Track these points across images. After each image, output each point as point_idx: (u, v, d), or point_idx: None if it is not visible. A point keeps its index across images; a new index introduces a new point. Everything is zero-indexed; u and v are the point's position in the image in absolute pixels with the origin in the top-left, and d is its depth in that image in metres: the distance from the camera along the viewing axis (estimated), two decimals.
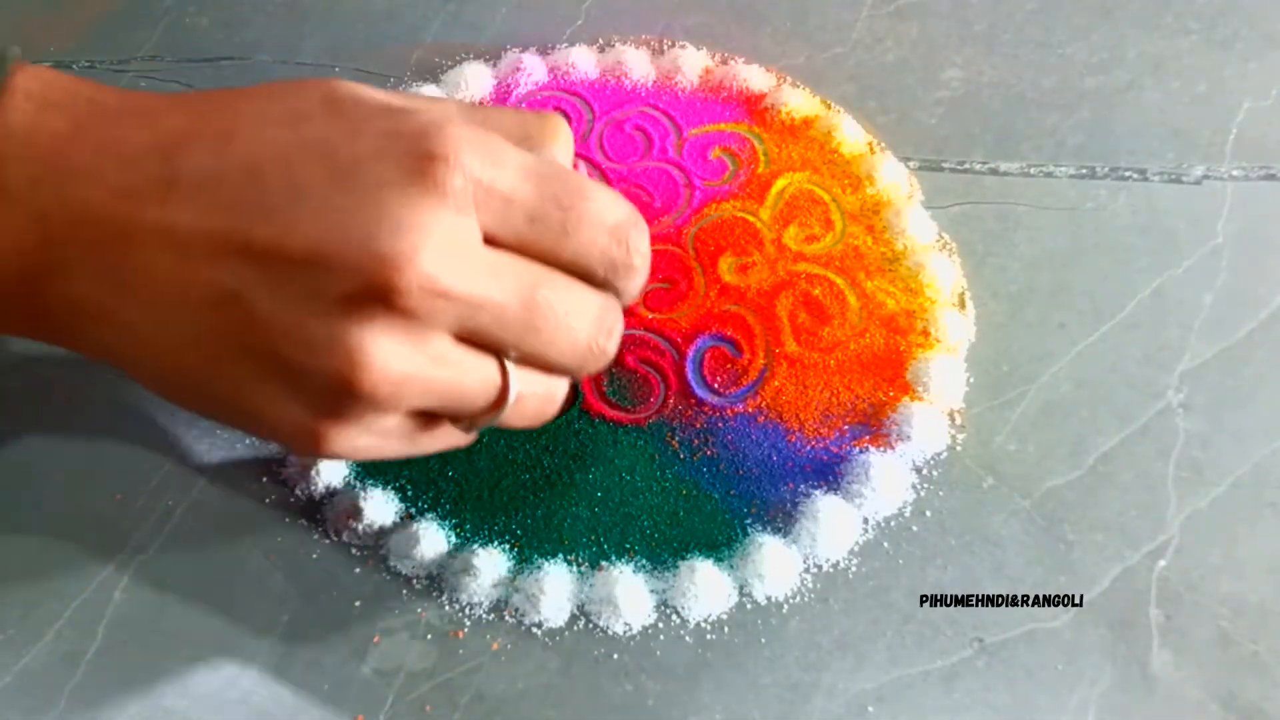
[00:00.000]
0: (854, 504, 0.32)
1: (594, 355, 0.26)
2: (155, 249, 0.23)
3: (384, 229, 0.22)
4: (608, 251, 0.25)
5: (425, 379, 0.24)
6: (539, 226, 0.24)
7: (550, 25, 0.44)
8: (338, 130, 0.24)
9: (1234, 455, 0.32)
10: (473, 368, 0.24)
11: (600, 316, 0.26)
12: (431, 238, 0.22)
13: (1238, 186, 0.38)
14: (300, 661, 0.30)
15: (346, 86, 0.25)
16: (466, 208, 0.23)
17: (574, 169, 0.27)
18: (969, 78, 0.41)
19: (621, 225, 0.25)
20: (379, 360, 0.23)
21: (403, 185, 0.23)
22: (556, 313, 0.25)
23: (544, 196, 0.24)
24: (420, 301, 0.22)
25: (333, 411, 0.23)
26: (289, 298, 0.23)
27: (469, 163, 0.23)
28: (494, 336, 0.24)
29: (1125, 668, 0.29)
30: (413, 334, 0.23)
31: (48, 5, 0.46)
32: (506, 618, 0.31)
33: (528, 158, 0.25)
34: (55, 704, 0.29)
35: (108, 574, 0.31)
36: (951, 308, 0.35)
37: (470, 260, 0.23)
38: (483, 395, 0.25)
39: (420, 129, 0.23)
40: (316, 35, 0.44)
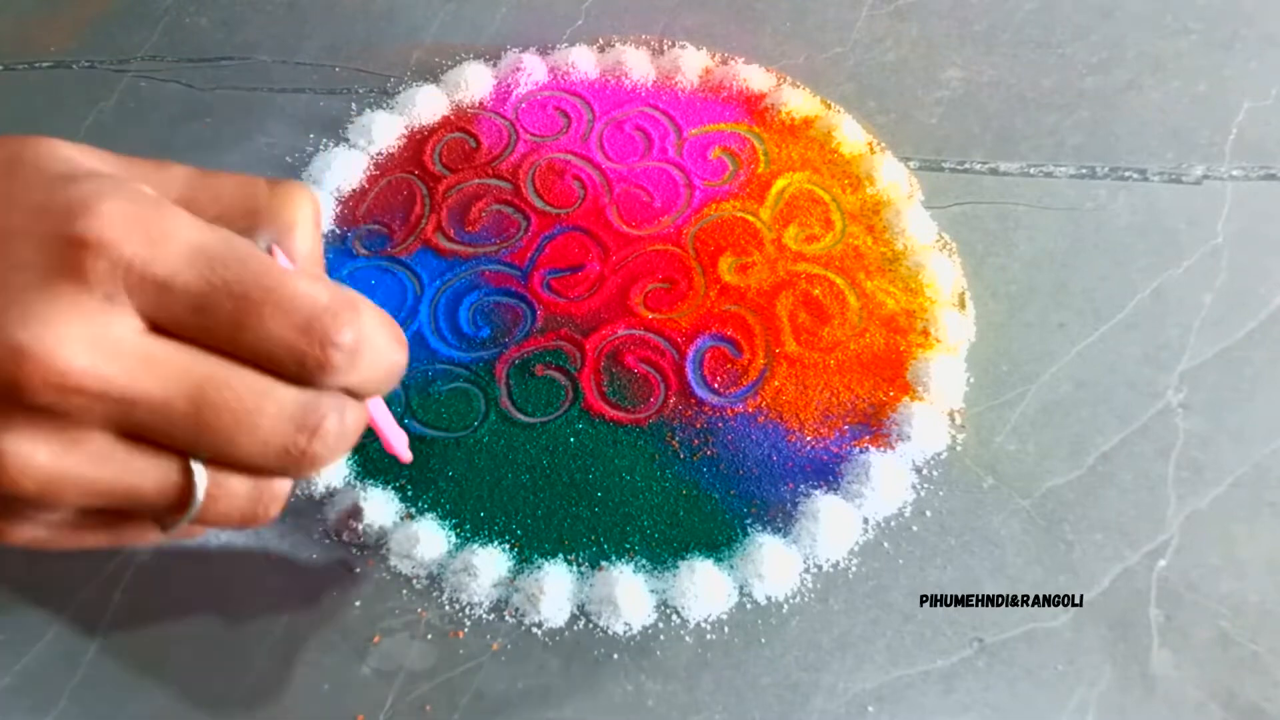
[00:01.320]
0: (854, 504, 0.32)
1: (294, 458, 0.23)
2: None
3: (10, 318, 0.20)
4: (295, 348, 0.22)
5: (80, 478, 0.22)
6: (206, 317, 0.22)
7: (550, 25, 0.44)
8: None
9: (1234, 455, 0.32)
10: (143, 468, 0.22)
11: (297, 415, 0.23)
12: (64, 329, 0.20)
13: (1238, 186, 0.38)
14: (300, 661, 0.30)
15: (40, 147, 0.23)
16: (116, 295, 0.21)
17: (316, 251, 0.24)
18: (969, 78, 0.41)
19: (315, 317, 0.22)
20: (19, 461, 0.21)
21: (43, 270, 0.21)
22: (233, 412, 0.22)
23: (211, 284, 0.22)
24: (54, 399, 0.20)
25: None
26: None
27: (118, 245, 0.21)
28: (164, 436, 0.22)
29: (1125, 668, 0.29)
30: (60, 432, 0.21)
31: (48, 5, 0.46)
32: (506, 618, 0.31)
33: (205, 236, 0.22)
34: (55, 704, 0.29)
35: (108, 574, 0.31)
36: (951, 308, 0.35)
37: (117, 354, 0.21)
38: (160, 496, 0.23)
39: (70, 206, 0.21)
40: (316, 35, 0.44)
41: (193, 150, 0.41)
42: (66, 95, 0.43)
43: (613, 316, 0.36)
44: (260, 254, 0.22)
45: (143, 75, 0.43)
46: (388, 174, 0.40)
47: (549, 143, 0.40)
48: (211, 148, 0.41)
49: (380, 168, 0.40)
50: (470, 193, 0.39)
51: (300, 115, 0.42)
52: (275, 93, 0.42)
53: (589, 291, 0.36)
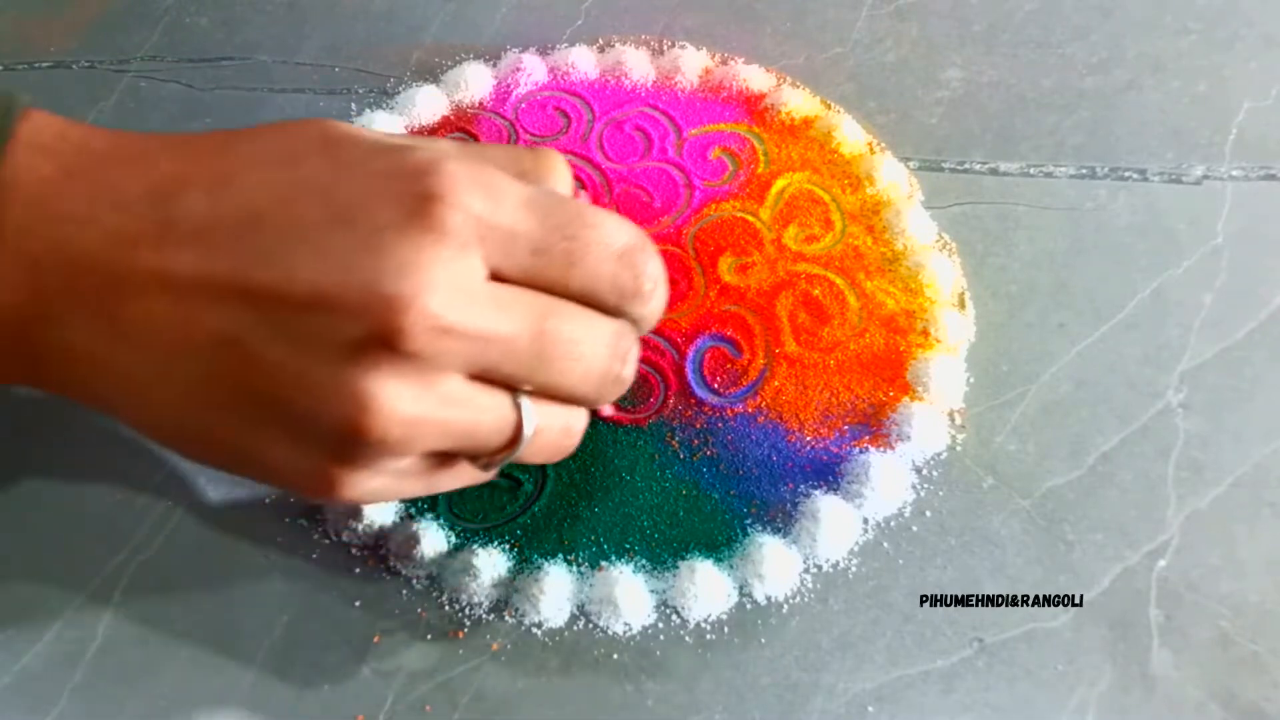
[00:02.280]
0: (854, 504, 0.32)
1: (610, 383, 0.25)
2: (152, 295, 0.23)
3: (386, 271, 0.22)
4: (616, 278, 0.25)
5: (437, 420, 0.23)
6: (544, 258, 0.24)
7: (550, 25, 0.44)
8: (334, 171, 0.23)
9: (1234, 455, 0.32)
10: (486, 406, 0.24)
11: (614, 343, 0.25)
12: (434, 277, 0.22)
13: (1238, 186, 0.38)
14: (300, 661, 0.30)
15: (340, 127, 0.25)
16: (469, 245, 0.23)
17: (575, 197, 0.27)
18: (969, 78, 0.41)
19: (629, 250, 0.25)
20: (388, 405, 0.22)
21: (402, 226, 0.22)
22: (567, 343, 0.24)
23: (547, 227, 0.24)
24: (427, 343, 0.22)
25: (343, 457, 0.23)
26: (292, 343, 0.22)
27: (468, 199, 0.23)
28: (506, 372, 0.24)
29: (1125, 668, 0.29)
30: (422, 376, 0.23)
31: (48, 5, 0.46)
32: (506, 618, 0.31)
33: (527, 190, 0.24)
34: (55, 704, 0.29)
35: (108, 574, 0.31)
36: (951, 308, 0.35)
37: (475, 297, 0.23)
38: (498, 432, 0.25)
39: (417, 167, 0.23)
40: (316, 35, 0.44)
41: None
42: (66, 95, 0.43)
43: None
44: (574, 199, 0.25)
45: (143, 75, 0.43)
46: None
47: (549, 143, 0.40)
48: None
49: None
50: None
51: (300, 115, 0.42)
52: (275, 93, 0.42)
53: None
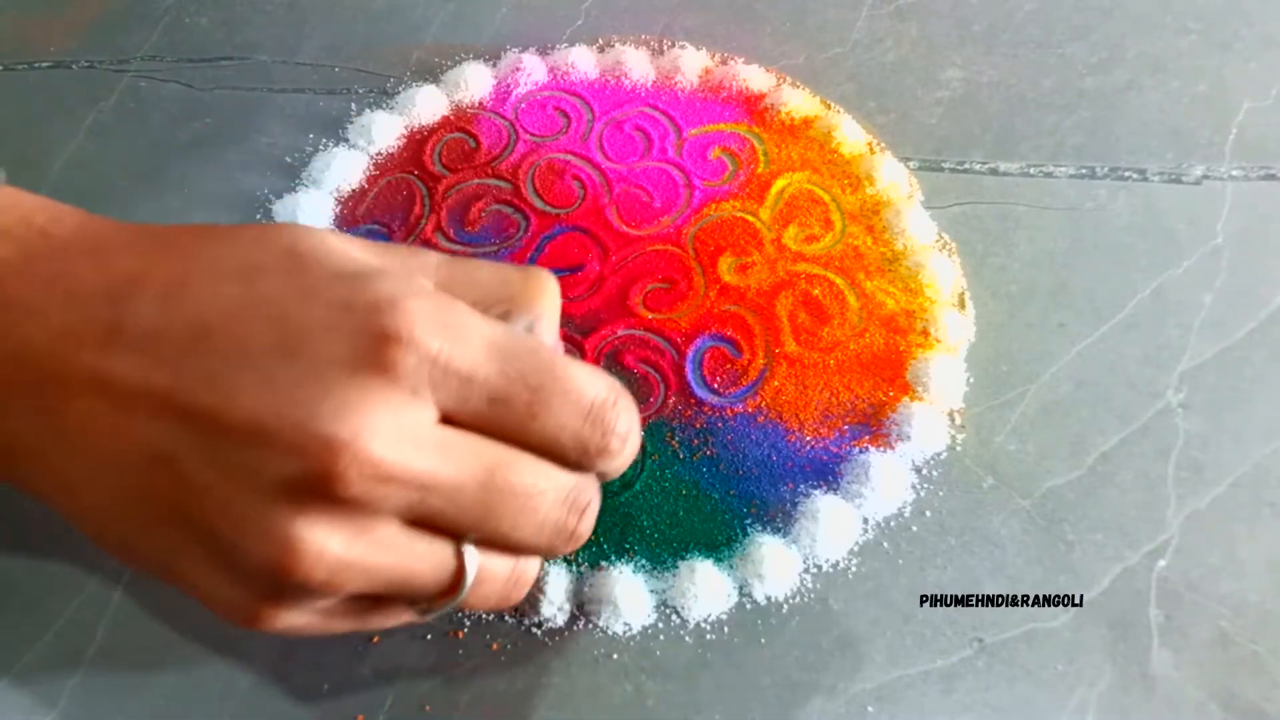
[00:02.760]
0: (854, 504, 0.32)
1: (563, 538, 0.24)
2: (92, 398, 0.22)
3: (325, 410, 0.21)
4: (580, 435, 0.23)
5: (366, 566, 0.22)
6: (502, 407, 0.23)
7: (550, 25, 0.44)
8: (292, 292, 0.22)
9: (1234, 455, 0.32)
10: (423, 553, 0.23)
11: (570, 498, 0.24)
12: (377, 421, 0.21)
13: (1237, 186, 0.38)
14: (300, 661, 0.30)
15: (310, 240, 0.23)
16: (419, 388, 0.22)
17: (557, 337, 0.25)
18: (969, 78, 0.41)
19: (597, 407, 0.24)
20: (314, 549, 0.21)
21: (351, 363, 0.21)
22: (519, 496, 0.23)
23: (510, 376, 0.23)
24: (362, 489, 0.21)
25: (267, 593, 0.22)
26: (225, 470, 0.21)
27: (426, 340, 0.22)
28: (449, 520, 0.23)
29: (1125, 668, 0.29)
30: (354, 521, 0.22)
31: (48, 5, 0.46)
32: (506, 618, 0.30)
33: (495, 331, 0.23)
34: (55, 704, 0.29)
35: (108, 574, 0.31)
36: (951, 308, 0.35)
37: (420, 443, 0.22)
38: (435, 580, 0.24)
39: (376, 302, 0.22)
40: (316, 35, 0.44)
41: (193, 150, 0.41)
42: (66, 95, 0.43)
43: (612, 317, 0.36)
44: (545, 345, 0.24)
45: (142, 75, 0.43)
46: (387, 174, 0.40)
47: (549, 143, 0.40)
48: (211, 147, 0.41)
49: (380, 168, 0.40)
50: (470, 193, 0.39)
51: (300, 115, 0.42)
52: (275, 93, 0.42)
53: (588, 291, 0.36)
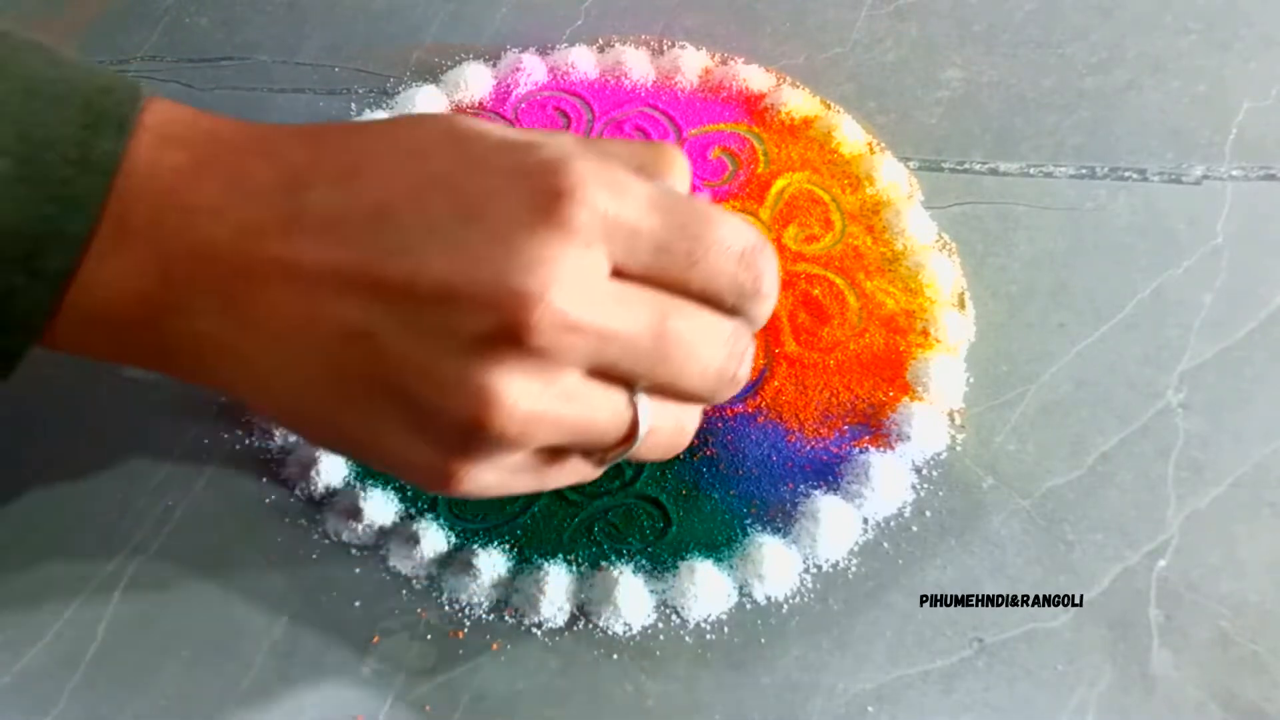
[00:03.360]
0: (854, 504, 0.32)
1: (725, 382, 0.26)
2: (280, 286, 0.23)
3: (514, 267, 0.22)
4: (736, 278, 0.25)
5: (555, 416, 0.23)
6: (666, 257, 0.24)
7: (550, 25, 0.44)
8: (463, 166, 0.23)
9: (1234, 455, 0.32)
10: (603, 403, 0.24)
11: (731, 342, 0.25)
12: (562, 274, 0.22)
13: (1237, 186, 0.38)
14: (300, 661, 0.30)
15: (467, 121, 0.25)
16: (594, 242, 0.23)
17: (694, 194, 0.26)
18: (969, 78, 0.41)
19: (749, 251, 0.25)
20: (509, 400, 0.22)
21: (531, 222, 0.22)
22: (687, 341, 0.24)
23: (670, 226, 0.24)
24: (552, 339, 0.22)
25: (462, 450, 0.23)
26: (419, 335, 0.22)
27: (595, 196, 0.23)
28: (625, 369, 0.24)
29: (1125, 668, 0.29)
30: (544, 371, 0.23)
31: (48, 5, 0.46)
32: (506, 618, 0.31)
33: (651, 188, 0.24)
34: (55, 704, 0.29)
35: (108, 574, 0.31)
36: (951, 308, 0.35)
37: (599, 294, 0.23)
38: (613, 429, 0.25)
39: (545, 164, 0.23)
40: (316, 35, 0.44)
41: None
42: None
43: None
44: (696, 198, 0.25)
45: (143, 75, 0.43)
46: None
47: None
48: None
49: None
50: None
51: (300, 115, 0.42)
52: (275, 93, 0.42)
53: None
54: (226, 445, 0.33)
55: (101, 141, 0.23)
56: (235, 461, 0.33)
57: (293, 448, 0.33)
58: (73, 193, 0.23)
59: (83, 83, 0.24)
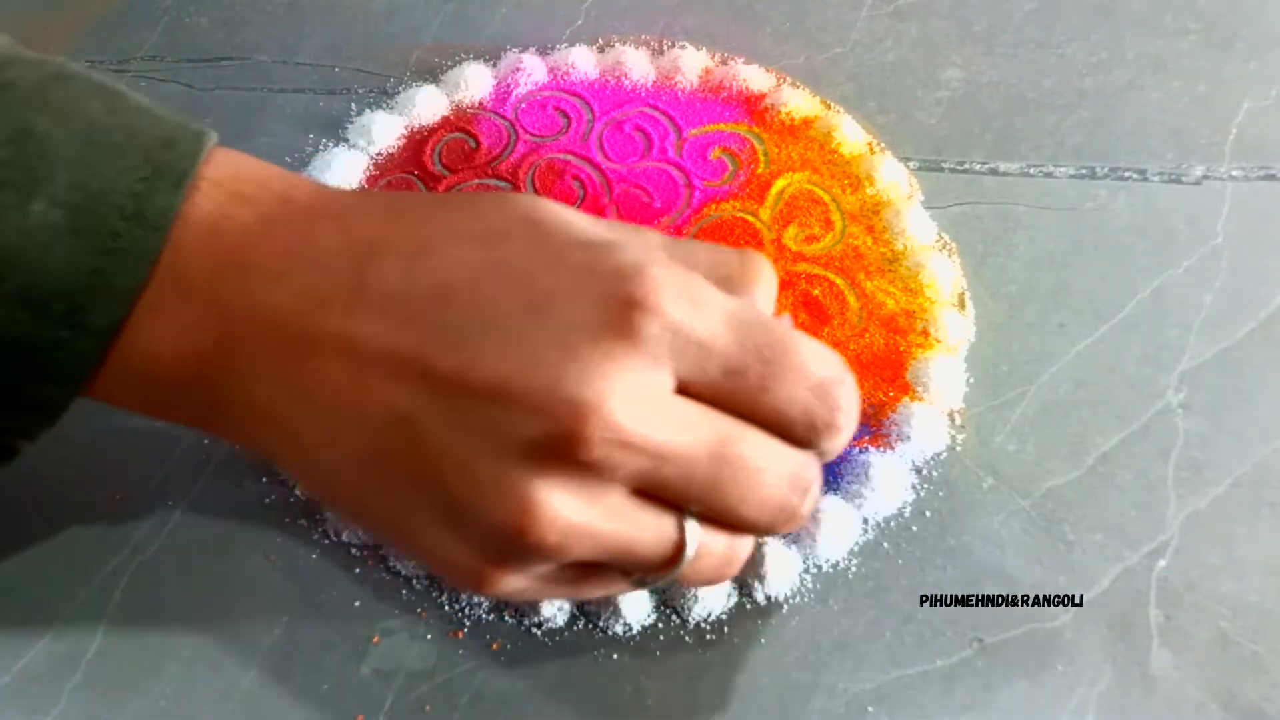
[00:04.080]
0: (854, 504, 0.32)
1: (784, 516, 0.24)
2: (334, 360, 0.22)
3: (574, 373, 0.21)
4: (809, 410, 0.23)
5: (596, 533, 0.22)
6: (737, 379, 0.23)
7: (550, 25, 0.44)
8: (535, 258, 0.23)
9: (1234, 455, 0.32)
10: (649, 524, 0.23)
11: (795, 475, 0.24)
12: (622, 387, 0.21)
13: (1237, 186, 0.38)
14: (300, 661, 0.30)
15: (548, 209, 0.24)
16: (662, 357, 0.22)
17: (776, 316, 0.25)
18: (969, 78, 0.41)
19: (826, 383, 0.23)
20: (550, 511, 0.22)
21: (597, 329, 0.22)
22: (748, 470, 0.23)
23: (746, 348, 0.23)
24: (604, 454, 0.21)
25: (497, 556, 0.23)
26: (466, 431, 0.22)
27: (669, 308, 0.22)
28: (678, 491, 0.23)
29: (1125, 668, 0.29)
30: (590, 486, 0.22)
31: (48, 5, 0.46)
32: (506, 618, 0.30)
33: (730, 303, 0.23)
34: (55, 704, 0.29)
35: (108, 574, 0.31)
36: (951, 308, 0.35)
37: (660, 411, 0.22)
38: (656, 551, 0.24)
39: (621, 268, 0.22)
40: (316, 35, 0.44)
41: None
42: None
43: None
44: (776, 320, 0.24)
45: (143, 75, 0.43)
46: (387, 174, 0.40)
47: (549, 143, 0.40)
48: None
49: (380, 168, 0.40)
50: (470, 193, 0.39)
51: (300, 115, 0.42)
52: (275, 93, 0.42)
53: None
54: (226, 445, 0.33)
55: (158, 197, 0.23)
56: (235, 461, 0.33)
57: None
58: (124, 247, 0.22)
59: (144, 133, 0.23)
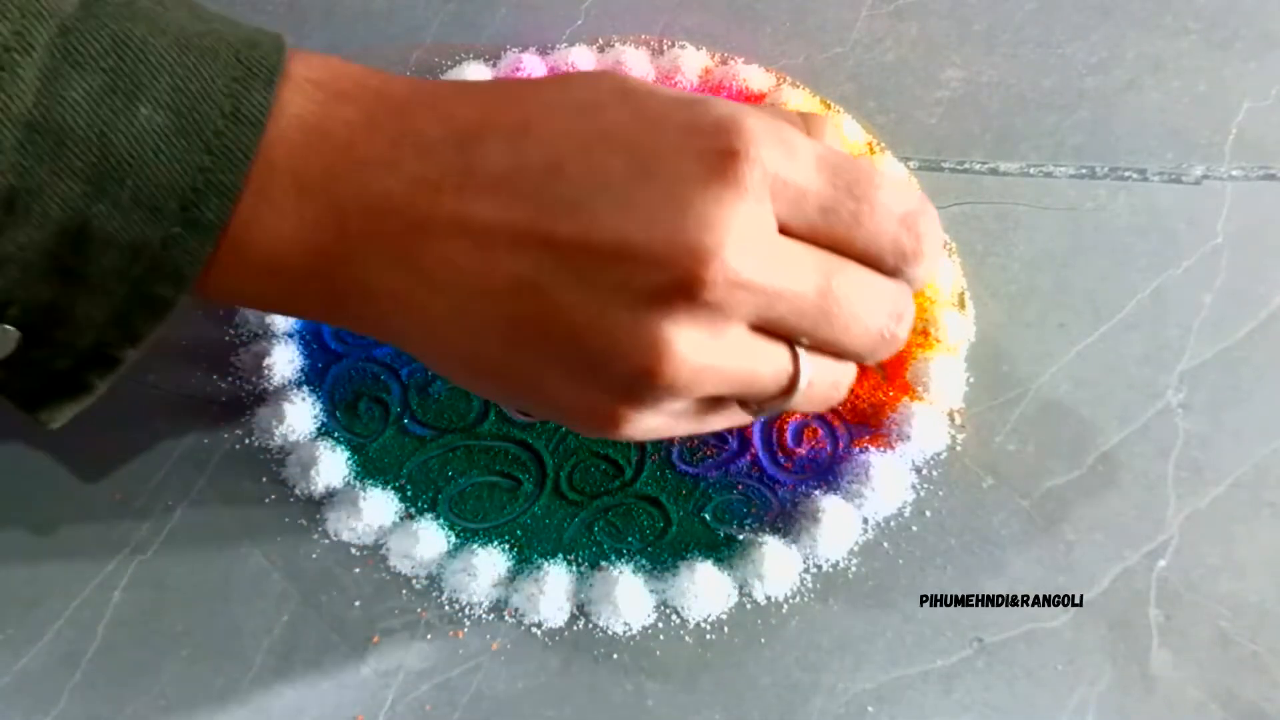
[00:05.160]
0: (854, 504, 0.32)
1: (885, 342, 0.26)
2: (453, 240, 0.24)
3: (689, 223, 0.22)
4: (898, 240, 0.25)
5: (722, 368, 0.24)
6: (832, 217, 0.24)
7: (550, 25, 0.44)
8: (636, 122, 0.24)
9: (1234, 455, 0.32)
10: (766, 356, 0.25)
11: (892, 303, 0.26)
12: (734, 231, 0.23)
13: (1237, 186, 0.38)
14: (300, 661, 0.30)
15: (635, 79, 0.25)
16: (764, 200, 0.23)
17: None
18: (969, 78, 0.41)
19: (911, 214, 0.25)
20: (680, 352, 0.23)
21: (704, 179, 0.23)
22: (850, 301, 0.25)
23: (836, 187, 0.24)
24: (724, 294, 0.23)
25: (631, 398, 0.24)
26: (592, 289, 0.23)
27: (766, 156, 0.23)
28: (789, 325, 0.24)
29: (1125, 668, 0.29)
30: (713, 325, 0.23)
31: None
32: (506, 618, 0.31)
33: (819, 148, 0.25)
34: (55, 704, 0.29)
35: (108, 574, 0.31)
36: (951, 308, 0.35)
37: (769, 252, 0.23)
38: (774, 382, 0.25)
39: (719, 122, 0.24)
40: (316, 35, 0.44)
41: None
42: None
43: None
44: (860, 159, 0.25)
45: None
46: None
47: None
48: None
49: None
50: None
51: None
52: None
53: None
54: (226, 445, 0.33)
55: (254, 94, 0.24)
56: (235, 461, 0.33)
57: (292, 448, 0.33)
58: (226, 144, 0.23)
59: (230, 36, 0.24)
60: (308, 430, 0.34)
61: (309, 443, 0.33)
